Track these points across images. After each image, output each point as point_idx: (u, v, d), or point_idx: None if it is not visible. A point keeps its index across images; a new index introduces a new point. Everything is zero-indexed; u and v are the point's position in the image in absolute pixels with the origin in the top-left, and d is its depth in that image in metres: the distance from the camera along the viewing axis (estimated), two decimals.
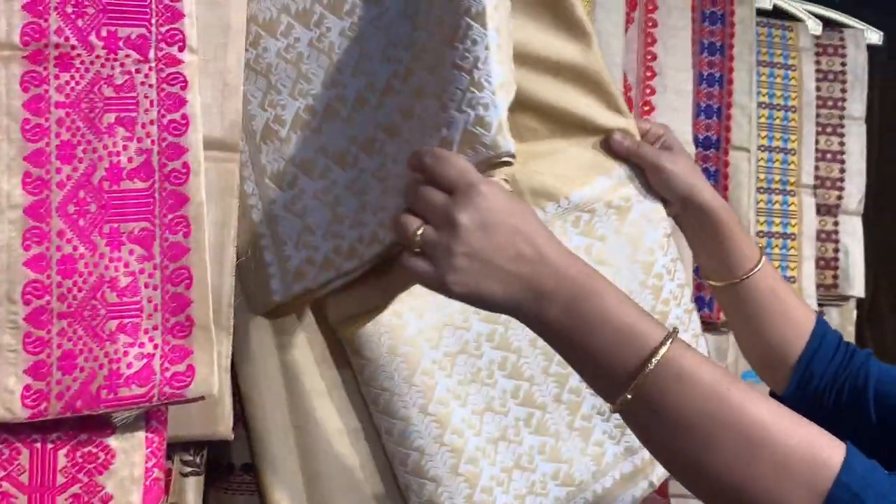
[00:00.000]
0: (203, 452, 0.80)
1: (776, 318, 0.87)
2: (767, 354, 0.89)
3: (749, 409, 0.55)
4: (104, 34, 0.64)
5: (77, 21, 0.63)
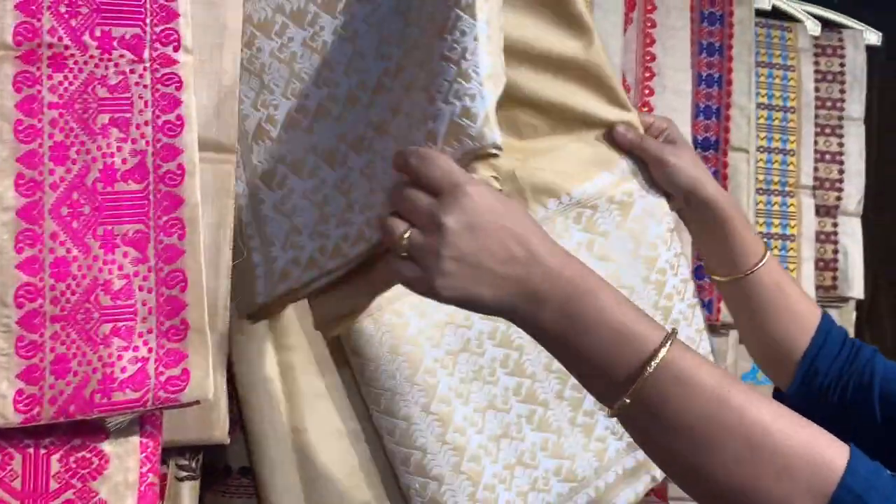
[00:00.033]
0: (199, 457, 0.80)
1: (781, 314, 0.86)
2: (771, 350, 0.88)
3: (750, 412, 0.54)
4: (98, 34, 0.63)
5: (71, 21, 0.63)
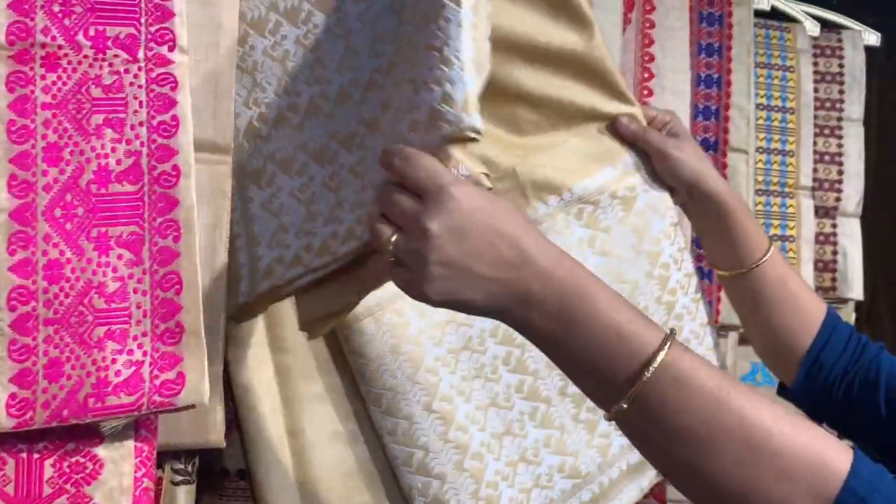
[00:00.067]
0: (194, 461, 0.79)
1: (785, 308, 0.85)
2: (776, 345, 0.87)
3: (750, 414, 0.53)
4: (92, 33, 0.63)
5: (64, 20, 0.62)
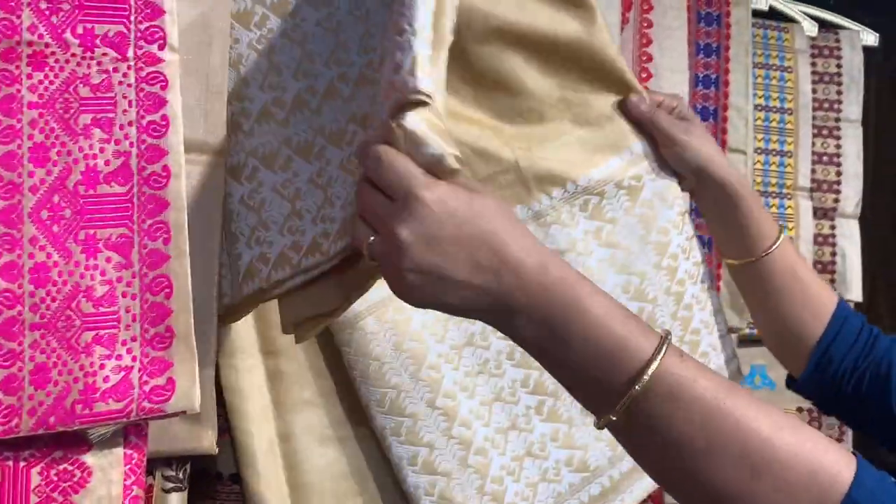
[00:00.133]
0: (186, 467, 0.78)
1: (795, 297, 0.84)
2: (785, 334, 0.86)
3: (749, 424, 0.51)
4: (80, 31, 0.61)
5: (51, 17, 0.61)
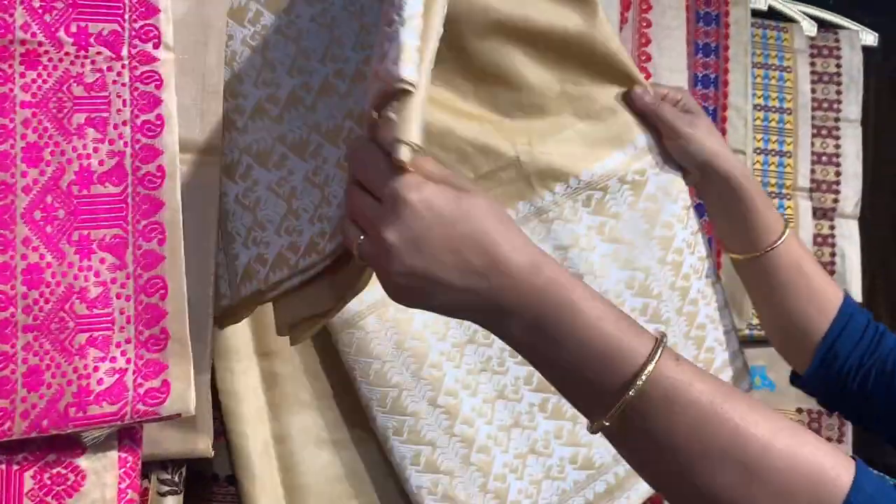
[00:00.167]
0: (181, 470, 0.77)
1: (800, 293, 0.83)
2: (790, 329, 0.85)
3: (748, 429, 0.50)
4: (74, 30, 0.61)
5: (45, 16, 0.60)
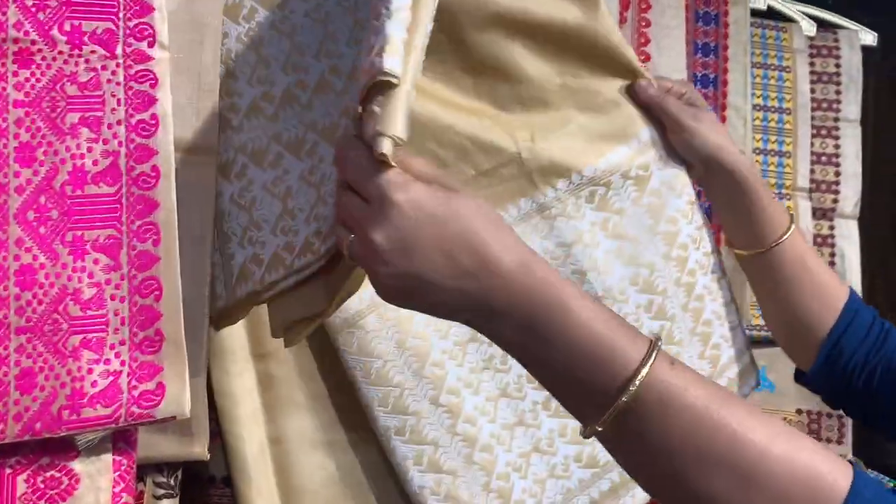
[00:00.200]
0: (177, 473, 0.77)
1: (805, 288, 0.82)
2: (794, 325, 0.84)
3: (745, 434, 0.49)
4: (67, 28, 0.60)
5: (38, 14, 0.59)
